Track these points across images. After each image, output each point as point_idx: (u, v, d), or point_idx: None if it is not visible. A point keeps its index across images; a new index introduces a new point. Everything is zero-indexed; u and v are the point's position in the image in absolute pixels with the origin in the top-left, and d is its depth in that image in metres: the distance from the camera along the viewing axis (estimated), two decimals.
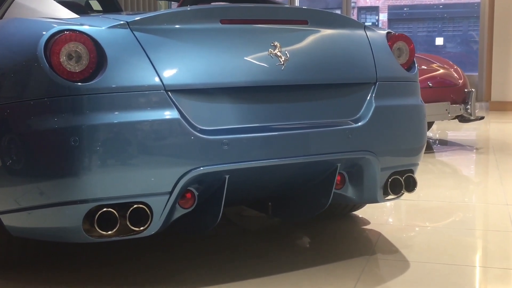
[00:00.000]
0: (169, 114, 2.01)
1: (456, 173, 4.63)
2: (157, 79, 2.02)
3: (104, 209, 1.97)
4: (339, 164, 2.32)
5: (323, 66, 2.32)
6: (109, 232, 1.98)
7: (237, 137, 2.09)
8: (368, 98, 2.39)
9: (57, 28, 2.02)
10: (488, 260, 2.60)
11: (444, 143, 5.98)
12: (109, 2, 3.11)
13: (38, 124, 1.97)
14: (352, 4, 11.88)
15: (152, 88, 2.01)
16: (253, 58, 2.18)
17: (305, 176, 2.38)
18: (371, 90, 2.40)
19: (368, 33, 2.51)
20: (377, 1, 25.55)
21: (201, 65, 2.11)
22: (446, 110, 5.21)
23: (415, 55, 5.78)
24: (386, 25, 25.02)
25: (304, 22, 2.34)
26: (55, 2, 2.54)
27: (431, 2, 24.90)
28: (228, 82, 2.13)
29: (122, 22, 2.08)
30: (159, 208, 2.03)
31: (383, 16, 25.77)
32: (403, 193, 2.49)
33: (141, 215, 2.01)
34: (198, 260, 2.53)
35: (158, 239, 2.55)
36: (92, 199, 1.96)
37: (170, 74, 2.05)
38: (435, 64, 5.69)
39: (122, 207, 1.99)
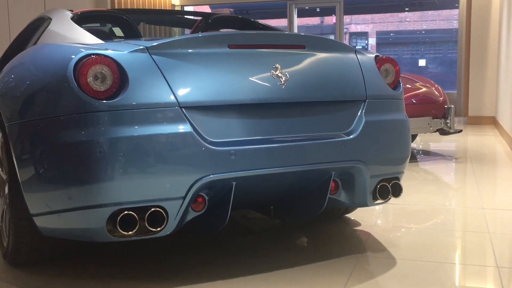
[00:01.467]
0: (183, 128, 2.01)
1: (437, 180, 4.61)
2: (172, 97, 2.02)
3: (125, 212, 1.97)
4: (333, 172, 2.31)
5: (319, 85, 2.32)
6: (130, 233, 1.98)
7: (243, 148, 2.09)
8: (359, 113, 2.38)
9: (84, 52, 2.03)
10: (466, 258, 2.58)
11: (427, 154, 5.96)
12: (130, 29, 3.11)
13: (67, 137, 1.98)
14: (344, 30, 11.89)
15: (168, 105, 2.01)
16: (257, 78, 2.18)
17: (303, 183, 2.37)
18: (362, 106, 2.40)
19: (359, 56, 2.51)
20: (367, 27, 25.57)
21: (211, 84, 2.11)
22: (428, 124, 5.21)
23: (401, 75, 5.80)
24: (375, 48, 25.04)
25: (301, 47, 2.35)
26: (82, 29, 2.54)
27: (414, 28, 24.92)
28: (235, 99, 2.13)
29: (142, 47, 2.09)
30: (174, 211, 2.03)
31: (372, 41, 25.78)
32: (390, 198, 2.48)
33: (158, 217, 2.01)
34: (209, 256, 2.52)
35: (173, 238, 2.55)
36: (115, 203, 1.96)
37: (184, 92, 2.05)
38: (418, 83, 5.70)
39: (141, 210, 1.99)
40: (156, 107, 2.00)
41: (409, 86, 5.49)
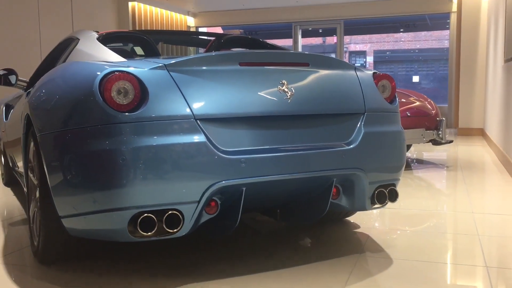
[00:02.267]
0: (197, 138, 2.01)
1: (430, 186, 4.58)
2: (188, 110, 2.02)
3: (145, 215, 1.97)
4: (335, 179, 2.30)
5: (322, 99, 2.31)
6: (149, 233, 1.98)
7: (252, 156, 2.08)
8: (358, 125, 2.38)
9: (109, 69, 2.04)
10: (457, 258, 2.56)
11: (420, 162, 5.93)
12: (149, 48, 3.12)
13: (93, 146, 1.98)
14: (344, 49, 11.90)
15: (184, 117, 2.01)
16: (265, 93, 2.18)
17: (307, 188, 2.36)
18: (361, 119, 2.39)
19: (358, 73, 2.50)
20: (365, 47, 25.56)
21: (224, 98, 2.11)
22: (422, 135, 5.19)
23: (396, 90, 5.81)
24: (372, 66, 25.01)
25: (306, 64, 2.34)
26: (107, 48, 2.56)
27: (409, 48, 24.88)
28: (245, 112, 2.13)
29: (160, 64, 2.09)
30: (189, 214, 2.02)
31: (370, 59, 25.76)
32: (387, 203, 2.46)
33: (175, 220, 2.01)
34: (220, 255, 2.52)
35: (188, 239, 2.55)
36: (135, 206, 1.96)
37: (198, 106, 2.05)
38: (412, 98, 5.67)
39: (159, 213, 1.99)
40: (173, 119, 2.00)
41: (404, 100, 5.47)
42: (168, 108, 2.01)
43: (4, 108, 4.24)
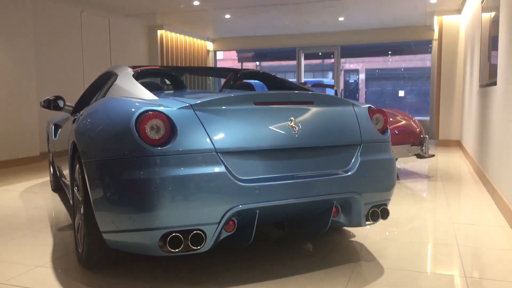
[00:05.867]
0: (218, 169, 2.00)
1: (415, 195, 4.52)
2: (210, 144, 2.02)
3: (173, 234, 1.97)
4: (335, 201, 2.29)
5: (324, 133, 2.29)
6: (176, 250, 1.98)
7: (265, 184, 2.07)
8: (355, 155, 2.36)
9: (144, 108, 2.04)
10: (439, 268, 2.49)
11: (406, 172, 5.89)
12: (176, 81, 3.12)
13: (130, 175, 1.98)
14: (340, 68, 11.87)
15: (207, 151, 2.01)
16: (276, 129, 2.17)
17: (311, 209, 2.35)
18: (358, 149, 2.37)
19: (355, 108, 2.49)
20: (358, 66, 25.49)
21: (241, 134, 2.10)
22: (408, 150, 5.15)
23: (385, 110, 5.72)
24: (364, 82, 24.93)
25: (311, 103, 2.33)
26: (141, 86, 2.56)
27: (396, 67, 24.79)
28: (259, 146, 2.12)
29: (187, 104, 2.09)
30: (211, 233, 2.02)
31: (362, 76, 25.68)
32: (379, 220, 2.45)
33: (198, 238, 2.01)
34: (231, 264, 2.50)
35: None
36: (165, 227, 1.96)
37: (219, 140, 2.04)
38: (399, 117, 5.61)
39: (185, 232, 1.99)
40: (198, 153, 2.00)
41: (392, 120, 5.43)
42: (193, 143, 2.00)
43: (53, 128, 4.28)
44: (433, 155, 5.37)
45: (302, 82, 8.12)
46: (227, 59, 21.14)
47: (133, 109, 2.07)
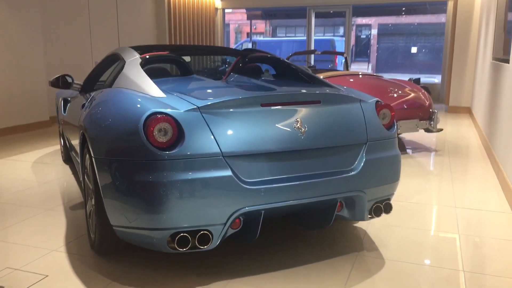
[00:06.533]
0: (224, 172, 2.04)
1: (420, 175, 4.50)
2: (217, 149, 2.04)
3: (181, 234, 2.04)
4: (339, 199, 2.33)
5: (330, 134, 2.29)
6: (184, 249, 2.05)
7: (270, 186, 2.11)
8: (361, 154, 2.37)
9: (151, 110, 2.06)
10: (438, 261, 2.52)
11: (414, 145, 5.89)
12: (183, 67, 3.09)
13: (139, 177, 2.02)
14: (352, 23, 11.58)
15: (214, 155, 2.03)
16: (282, 131, 2.17)
17: (316, 206, 2.40)
18: (363, 148, 2.38)
19: (362, 105, 2.47)
20: (370, 21, 24.84)
21: (247, 137, 2.11)
22: (416, 125, 5.14)
23: (393, 80, 5.62)
24: (376, 38, 24.38)
25: (317, 102, 2.32)
26: (148, 79, 2.54)
27: (409, 22, 24.12)
28: (264, 149, 2.13)
29: (194, 106, 2.10)
30: (217, 233, 2.08)
31: (374, 31, 25.06)
32: (382, 215, 2.49)
33: (205, 237, 2.07)
34: (236, 256, 2.56)
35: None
36: (173, 228, 2.02)
37: (225, 144, 2.06)
38: (408, 89, 5.53)
39: (193, 233, 2.05)
40: (205, 156, 2.02)
41: (401, 92, 5.36)
42: (200, 147, 2.03)
43: (62, 102, 4.31)
44: (441, 130, 5.34)
45: (311, 65, 7.93)
46: (236, 12, 20.65)
47: (142, 111, 2.09)
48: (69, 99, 4.09)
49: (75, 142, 3.13)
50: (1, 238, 2.84)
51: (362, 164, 2.34)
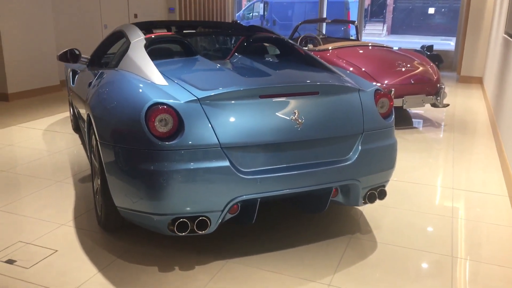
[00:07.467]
0: (222, 162, 2.11)
1: (422, 151, 4.50)
2: (215, 140, 2.11)
3: (181, 219, 2.15)
4: (334, 186, 2.41)
5: (327, 125, 2.33)
6: (183, 233, 2.16)
7: (266, 176, 2.18)
8: (356, 144, 2.41)
9: (153, 101, 2.12)
10: (429, 246, 2.59)
11: (421, 118, 5.88)
12: (188, 49, 3.10)
13: (141, 165, 2.11)
14: None
15: (212, 146, 2.10)
16: (280, 123, 2.22)
17: (312, 193, 2.47)
18: (359, 138, 2.42)
19: (361, 94, 2.49)
20: None
21: (244, 128, 2.17)
22: (422, 100, 5.13)
23: (401, 52, 5.55)
24: None
25: (316, 93, 2.35)
26: (152, 64, 2.56)
27: None
28: (262, 140, 2.19)
29: (195, 98, 2.15)
30: (215, 219, 2.19)
31: None
32: (376, 201, 2.56)
33: (203, 223, 2.18)
34: (237, 237, 2.66)
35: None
36: (173, 213, 2.13)
37: (224, 135, 2.12)
38: (416, 62, 5.47)
39: (192, 218, 2.16)
40: (203, 148, 2.09)
41: (409, 66, 5.31)
42: (199, 138, 2.09)
43: (71, 73, 4.38)
44: (447, 105, 5.33)
45: (323, 34, 7.79)
46: None
47: (143, 101, 2.15)
48: (77, 70, 4.16)
49: (83, 111, 3.22)
50: (15, 211, 2.99)
51: (357, 154, 2.39)
